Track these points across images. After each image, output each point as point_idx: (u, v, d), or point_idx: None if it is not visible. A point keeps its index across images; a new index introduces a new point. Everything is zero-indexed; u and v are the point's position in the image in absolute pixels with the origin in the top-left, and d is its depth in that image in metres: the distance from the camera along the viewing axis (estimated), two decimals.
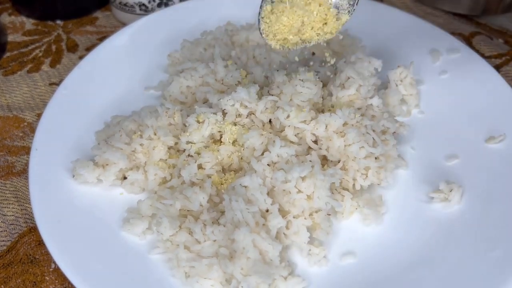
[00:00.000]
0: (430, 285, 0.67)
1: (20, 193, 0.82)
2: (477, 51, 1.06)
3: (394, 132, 0.80)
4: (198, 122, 0.77)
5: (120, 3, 1.09)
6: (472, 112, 0.89)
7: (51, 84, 1.00)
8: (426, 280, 0.68)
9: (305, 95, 0.78)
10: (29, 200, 0.74)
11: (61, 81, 0.92)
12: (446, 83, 0.95)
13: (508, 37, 1.12)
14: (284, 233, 0.70)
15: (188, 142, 0.77)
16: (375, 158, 0.75)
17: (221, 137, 0.78)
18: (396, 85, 0.90)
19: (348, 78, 0.81)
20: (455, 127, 0.87)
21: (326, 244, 0.72)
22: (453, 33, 1.08)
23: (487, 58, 1.04)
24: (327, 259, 0.71)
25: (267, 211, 0.68)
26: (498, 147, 0.82)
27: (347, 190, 0.76)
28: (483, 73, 0.93)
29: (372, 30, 1.05)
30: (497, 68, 1.02)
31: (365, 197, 0.76)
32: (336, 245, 0.73)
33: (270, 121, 0.80)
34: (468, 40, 1.09)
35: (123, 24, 1.12)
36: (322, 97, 0.82)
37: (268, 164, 0.73)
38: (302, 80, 0.79)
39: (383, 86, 0.93)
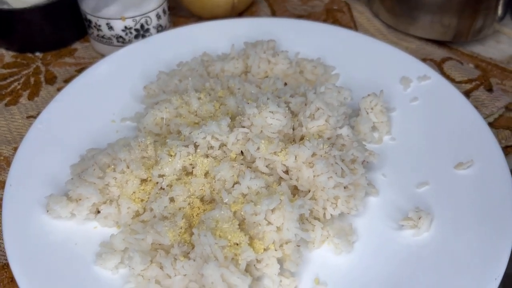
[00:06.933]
0: None
1: None
2: (448, 77, 1.08)
3: (364, 161, 0.82)
4: (170, 155, 0.79)
5: (97, 35, 1.11)
6: (442, 138, 0.90)
7: (28, 117, 1.01)
8: None
9: (274, 127, 0.80)
10: (2, 236, 0.74)
11: (38, 113, 0.93)
12: (417, 109, 0.97)
13: (479, 61, 1.15)
14: (255, 265, 0.71)
15: (160, 175, 0.78)
16: (344, 187, 0.76)
17: (193, 169, 0.79)
18: (367, 113, 0.92)
19: (318, 109, 0.82)
20: (425, 154, 0.89)
21: (297, 275, 0.73)
22: (425, 59, 1.11)
23: (457, 83, 1.07)
24: None
25: (237, 244, 0.69)
26: (466, 173, 0.84)
27: (318, 219, 0.77)
28: (453, 99, 0.95)
29: (345, 58, 1.08)
30: (467, 93, 1.04)
31: (335, 226, 0.77)
32: (307, 275, 0.74)
33: (242, 152, 0.81)
34: (439, 66, 1.12)
35: (102, 55, 1.14)
36: (293, 128, 0.84)
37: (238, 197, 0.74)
38: (272, 112, 0.80)
39: (354, 113, 0.95)
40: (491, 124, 0.99)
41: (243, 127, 0.81)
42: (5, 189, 0.79)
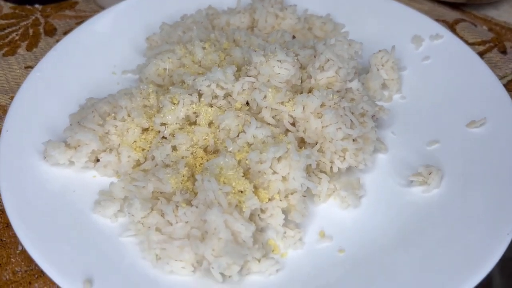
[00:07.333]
0: (406, 268, 0.66)
1: None
2: (461, 38, 1.04)
3: (373, 116, 0.79)
4: (173, 103, 0.76)
5: None
6: (454, 97, 0.87)
7: (26, 67, 0.98)
8: (402, 263, 0.66)
9: (282, 76, 0.77)
10: None
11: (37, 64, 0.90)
12: (428, 68, 0.94)
13: (493, 25, 1.11)
14: (259, 215, 0.68)
15: (162, 124, 0.75)
16: (353, 140, 0.74)
17: (196, 118, 0.76)
18: (377, 69, 0.89)
19: (328, 60, 0.79)
20: (436, 112, 0.86)
21: (302, 227, 0.71)
22: (437, 20, 1.07)
23: (470, 45, 1.03)
24: (303, 242, 0.69)
25: (241, 192, 0.66)
26: (478, 131, 0.81)
27: (325, 173, 0.75)
28: (466, 58, 0.92)
29: (355, 16, 1.04)
30: (481, 55, 1.01)
31: (342, 180, 0.75)
32: (313, 228, 0.72)
33: (247, 103, 0.78)
34: (452, 27, 1.08)
35: (103, 9, 1.10)
36: (302, 80, 0.81)
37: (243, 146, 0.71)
38: (280, 61, 0.77)
39: (364, 71, 0.91)
40: (504, 86, 0.95)
41: (249, 76, 0.77)
42: (1, 134, 0.76)
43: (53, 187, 0.74)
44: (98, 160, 0.76)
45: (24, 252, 0.70)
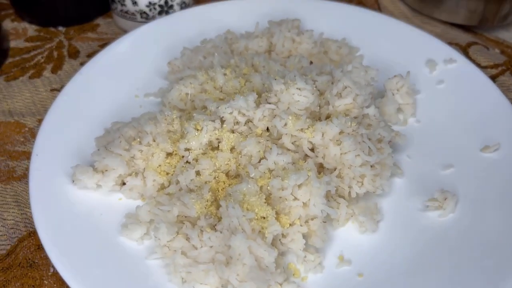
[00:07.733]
0: None
1: (20, 198, 0.83)
2: (474, 61, 1.07)
3: (390, 141, 0.81)
4: (197, 129, 0.78)
5: (121, 10, 1.10)
6: (467, 121, 0.90)
7: (52, 90, 1.02)
8: (419, 287, 0.68)
9: (302, 104, 0.79)
10: (29, 204, 0.75)
11: (62, 87, 0.94)
12: (442, 92, 0.96)
13: (504, 47, 1.13)
14: (280, 240, 0.71)
15: (186, 149, 0.78)
16: (371, 166, 0.76)
17: (219, 144, 0.79)
18: (393, 94, 0.91)
19: (345, 87, 0.82)
20: (451, 136, 0.89)
21: (321, 251, 0.73)
22: (450, 43, 1.10)
23: (483, 68, 1.06)
24: (323, 266, 0.72)
25: (263, 218, 0.69)
26: (492, 156, 0.83)
27: (343, 197, 0.77)
28: (479, 83, 0.94)
29: (369, 40, 1.06)
30: (493, 78, 1.03)
31: (360, 205, 0.77)
32: (332, 252, 0.74)
33: (267, 129, 0.81)
34: (464, 50, 1.11)
35: (124, 31, 1.13)
36: (319, 106, 0.83)
37: (265, 172, 0.74)
38: (300, 89, 0.80)
39: (379, 95, 0.94)
40: None
41: (270, 103, 0.80)
42: (32, 158, 0.80)
43: (81, 209, 0.77)
44: (124, 184, 0.79)
45: (55, 274, 0.73)
